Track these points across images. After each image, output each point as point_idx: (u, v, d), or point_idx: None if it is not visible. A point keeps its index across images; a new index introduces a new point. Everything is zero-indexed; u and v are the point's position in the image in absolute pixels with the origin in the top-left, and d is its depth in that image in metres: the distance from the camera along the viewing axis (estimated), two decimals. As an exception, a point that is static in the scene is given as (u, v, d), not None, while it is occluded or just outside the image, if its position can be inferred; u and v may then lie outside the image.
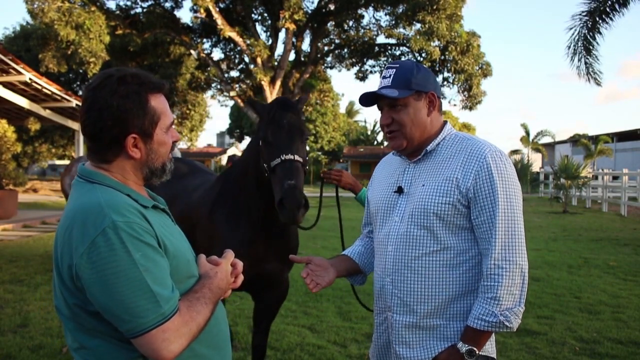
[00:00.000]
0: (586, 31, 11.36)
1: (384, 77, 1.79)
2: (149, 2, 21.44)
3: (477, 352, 1.62)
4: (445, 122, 1.84)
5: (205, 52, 23.04)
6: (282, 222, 2.93)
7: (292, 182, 2.40)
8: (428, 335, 1.71)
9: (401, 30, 21.12)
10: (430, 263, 1.69)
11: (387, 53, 22.93)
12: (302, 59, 23.14)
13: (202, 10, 19.44)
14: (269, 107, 2.66)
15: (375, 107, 1.87)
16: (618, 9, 11.00)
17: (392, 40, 21.73)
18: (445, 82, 21.22)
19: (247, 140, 41.39)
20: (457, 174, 1.67)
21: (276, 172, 2.48)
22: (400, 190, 1.80)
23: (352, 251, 2.07)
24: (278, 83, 21.14)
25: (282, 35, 22.53)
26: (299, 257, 1.96)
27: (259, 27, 23.28)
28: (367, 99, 1.83)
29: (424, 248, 1.70)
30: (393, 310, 1.76)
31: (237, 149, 46.47)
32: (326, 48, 23.63)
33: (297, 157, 2.50)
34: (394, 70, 1.77)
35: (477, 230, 1.66)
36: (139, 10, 21.66)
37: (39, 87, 12.15)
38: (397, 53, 22.58)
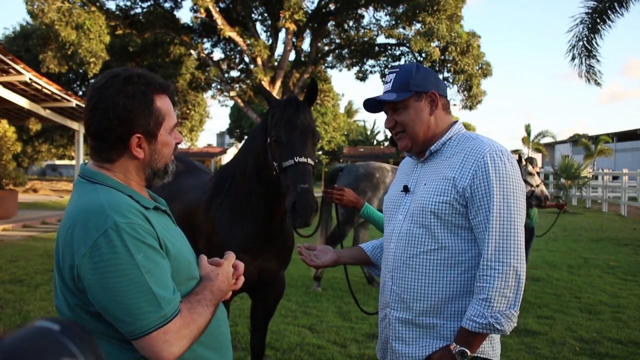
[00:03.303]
0: (586, 32, 11.36)
1: (386, 82, 1.83)
2: (149, 2, 21.42)
3: (468, 353, 1.60)
4: (454, 122, 1.84)
5: (205, 52, 23.02)
6: (280, 221, 2.93)
7: (305, 186, 2.45)
8: (424, 333, 1.72)
9: (401, 30, 21.12)
10: (427, 261, 1.70)
11: (387, 53, 22.91)
12: (302, 59, 23.12)
13: (202, 10, 19.42)
14: (283, 105, 2.66)
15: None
16: (618, 9, 11.00)
17: (392, 41, 21.72)
18: (445, 82, 21.12)
19: (247, 140, 41.27)
20: (455, 173, 1.68)
21: (288, 173, 2.51)
22: (406, 189, 1.83)
23: (367, 244, 2.17)
24: (278, 83, 21.13)
25: (282, 35, 22.53)
26: (307, 245, 2.08)
27: (259, 27, 23.28)
28: (371, 106, 1.86)
29: (422, 246, 1.71)
30: (391, 307, 1.79)
31: (237, 149, 46.30)
32: (326, 48, 23.61)
33: (309, 160, 2.54)
34: (394, 74, 1.81)
35: (476, 230, 1.66)
36: (139, 10, 21.63)
37: (39, 87, 12.14)
38: (397, 53, 22.57)
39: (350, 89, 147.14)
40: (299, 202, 2.42)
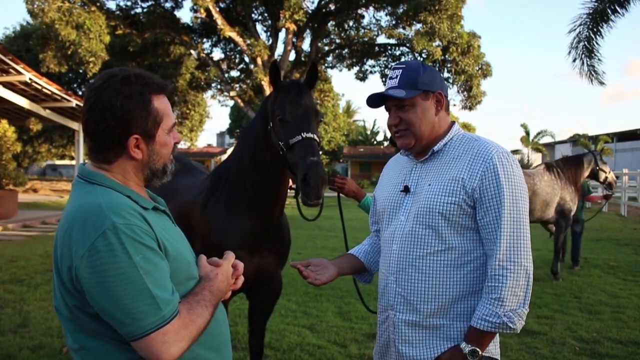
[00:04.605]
0: (587, 33, 11.36)
1: (391, 78, 1.79)
2: (149, 2, 21.43)
3: (480, 352, 1.62)
4: (453, 123, 1.84)
5: (205, 52, 23.04)
6: (277, 216, 2.92)
7: (314, 159, 2.44)
8: (431, 335, 1.71)
9: (401, 30, 21.13)
10: (434, 262, 1.70)
11: (387, 53, 22.94)
12: (302, 59, 23.14)
13: (202, 10, 19.45)
14: (285, 87, 2.68)
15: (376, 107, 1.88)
16: (618, 9, 11.00)
17: (393, 41, 21.73)
18: (446, 83, 21.16)
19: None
20: (464, 174, 1.68)
21: (295, 149, 2.50)
22: (406, 190, 1.81)
23: (358, 250, 2.12)
24: (278, 83, 21.13)
25: (282, 35, 22.56)
26: (299, 262, 1.97)
27: (259, 27, 23.29)
28: (374, 101, 1.83)
29: (429, 247, 1.70)
30: (396, 309, 1.77)
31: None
32: (326, 48, 23.64)
33: (315, 137, 2.54)
34: (400, 70, 1.78)
35: (483, 231, 1.67)
36: (139, 10, 21.66)
37: (39, 87, 12.14)
38: (397, 53, 22.58)
39: (350, 89, 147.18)
40: (310, 173, 2.39)
